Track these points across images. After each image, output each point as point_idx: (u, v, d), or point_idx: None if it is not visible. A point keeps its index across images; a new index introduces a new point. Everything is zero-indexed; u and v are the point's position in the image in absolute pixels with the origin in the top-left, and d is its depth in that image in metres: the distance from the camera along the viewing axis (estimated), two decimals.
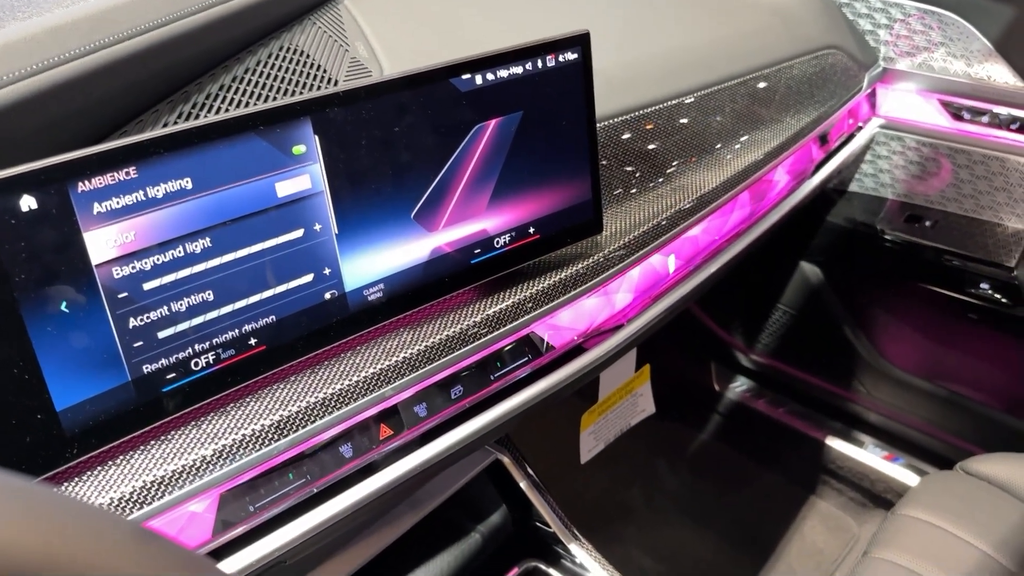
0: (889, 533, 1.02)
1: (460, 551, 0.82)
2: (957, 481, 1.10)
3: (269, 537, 0.57)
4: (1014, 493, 1.06)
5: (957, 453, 1.13)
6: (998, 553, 0.97)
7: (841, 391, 1.39)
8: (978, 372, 1.25)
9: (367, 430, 0.61)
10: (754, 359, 1.50)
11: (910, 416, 1.32)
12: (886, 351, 1.32)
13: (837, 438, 1.41)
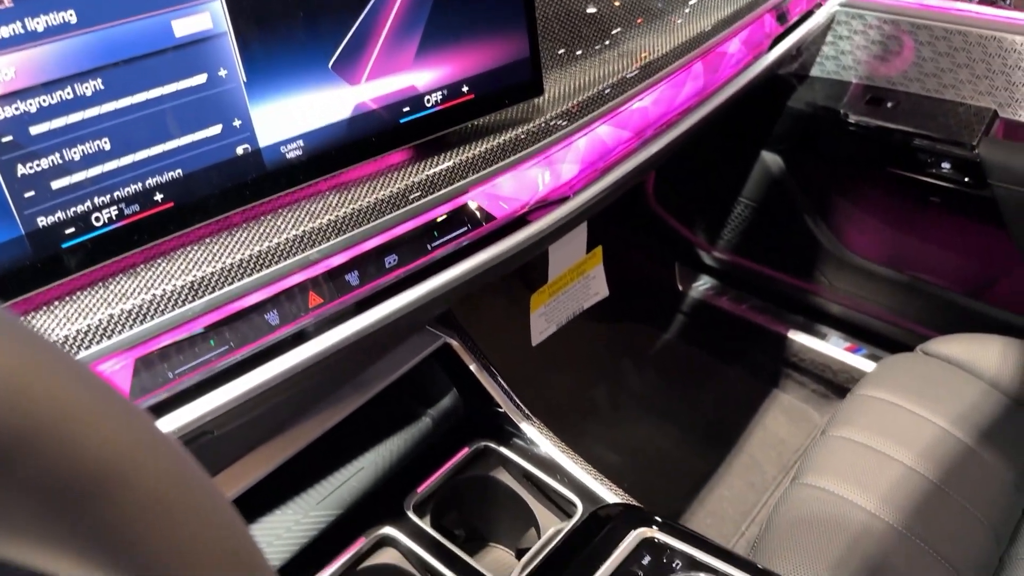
0: (847, 412, 1.01)
1: (410, 434, 0.80)
2: (916, 362, 1.09)
3: (193, 404, 0.54)
4: (972, 371, 1.06)
5: (918, 340, 1.13)
6: (955, 428, 0.98)
7: (803, 283, 1.38)
8: (939, 256, 1.24)
9: (294, 298, 0.59)
10: (717, 256, 1.48)
11: (872, 305, 1.32)
12: (847, 240, 1.31)
13: (799, 331, 1.41)
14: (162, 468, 0.21)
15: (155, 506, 0.21)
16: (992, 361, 1.06)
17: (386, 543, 0.72)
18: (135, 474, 0.21)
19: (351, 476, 0.76)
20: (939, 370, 1.07)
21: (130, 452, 0.21)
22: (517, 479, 0.79)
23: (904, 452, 0.94)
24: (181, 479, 0.22)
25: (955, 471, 0.93)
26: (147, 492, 0.21)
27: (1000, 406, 1.02)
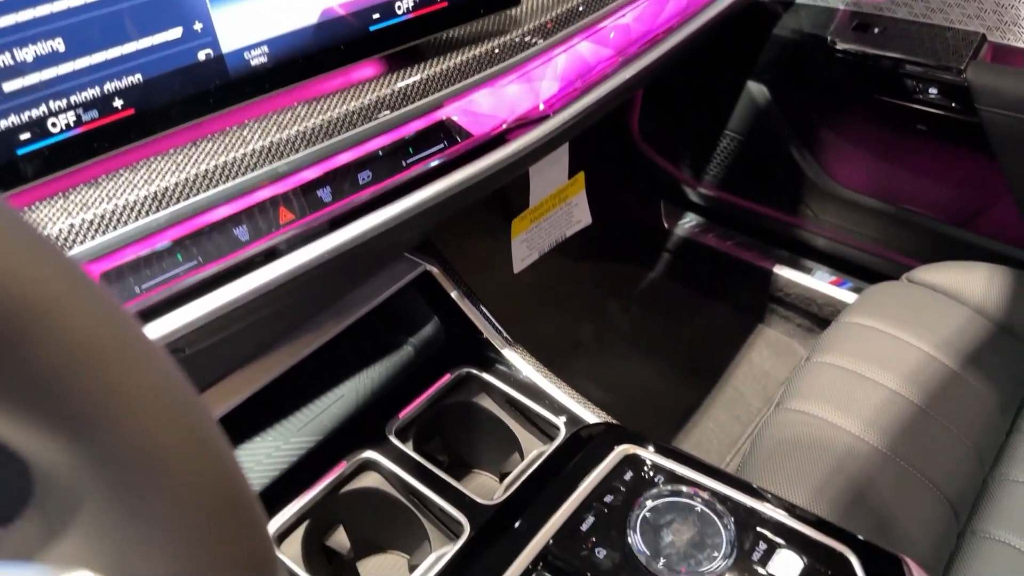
0: (832, 339, 1.01)
1: (391, 362, 0.79)
2: (901, 289, 1.09)
3: (162, 320, 0.53)
4: (958, 298, 1.06)
5: (904, 272, 1.12)
6: (940, 353, 0.97)
7: (789, 217, 1.37)
8: (926, 186, 1.23)
9: (264, 213, 0.57)
10: (702, 192, 1.46)
11: (857, 237, 1.31)
12: (834, 171, 1.29)
13: (785, 266, 1.40)
14: (91, 309, 0.20)
15: (85, 349, 0.20)
16: (978, 288, 1.06)
17: (368, 467, 0.71)
18: (61, 314, 0.19)
19: (332, 403, 0.75)
20: (924, 297, 1.07)
21: (55, 291, 0.19)
22: (500, 405, 0.79)
23: (889, 376, 0.94)
24: (111, 322, 0.21)
25: (940, 395, 0.93)
26: (75, 333, 0.19)
27: (985, 332, 1.01)
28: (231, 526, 0.23)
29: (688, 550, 0.56)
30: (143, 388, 0.21)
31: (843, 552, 0.57)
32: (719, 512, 0.58)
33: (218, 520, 0.23)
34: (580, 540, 0.58)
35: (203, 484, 0.23)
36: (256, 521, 0.24)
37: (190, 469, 0.22)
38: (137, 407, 0.21)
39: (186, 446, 0.22)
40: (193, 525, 0.22)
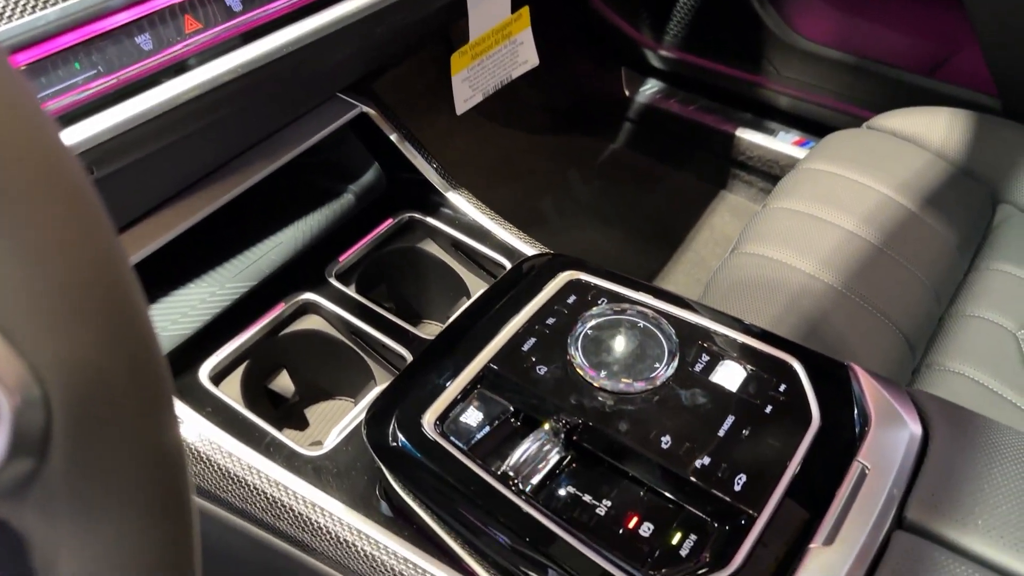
0: (789, 184, 0.99)
1: (331, 209, 0.76)
2: (862, 135, 1.06)
3: (63, 133, 0.49)
4: (918, 143, 1.04)
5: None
6: (899, 195, 0.96)
7: (751, 76, 1.33)
8: (891, 35, 1.19)
9: (167, 21, 0.53)
10: (664, 55, 1.42)
11: (820, 92, 1.28)
12: (796, 23, 1.25)
13: (748, 128, 1.37)
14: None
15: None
16: (940, 132, 1.04)
17: (308, 310, 0.69)
18: None
19: (270, 250, 0.72)
20: (884, 142, 1.04)
21: None
22: (445, 248, 0.76)
23: (846, 218, 0.92)
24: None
25: (898, 235, 0.92)
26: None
27: (946, 174, 1.00)
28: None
29: (629, 362, 0.55)
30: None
31: (787, 360, 0.56)
32: (661, 327, 0.57)
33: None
34: (521, 359, 0.56)
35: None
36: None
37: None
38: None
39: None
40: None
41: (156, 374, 0.22)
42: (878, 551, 0.44)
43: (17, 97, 0.20)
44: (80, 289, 0.20)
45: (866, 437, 0.50)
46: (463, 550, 0.51)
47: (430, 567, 0.52)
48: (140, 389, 0.22)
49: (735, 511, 0.47)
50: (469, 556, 0.51)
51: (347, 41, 0.62)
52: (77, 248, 0.20)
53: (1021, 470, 0.47)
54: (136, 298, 0.22)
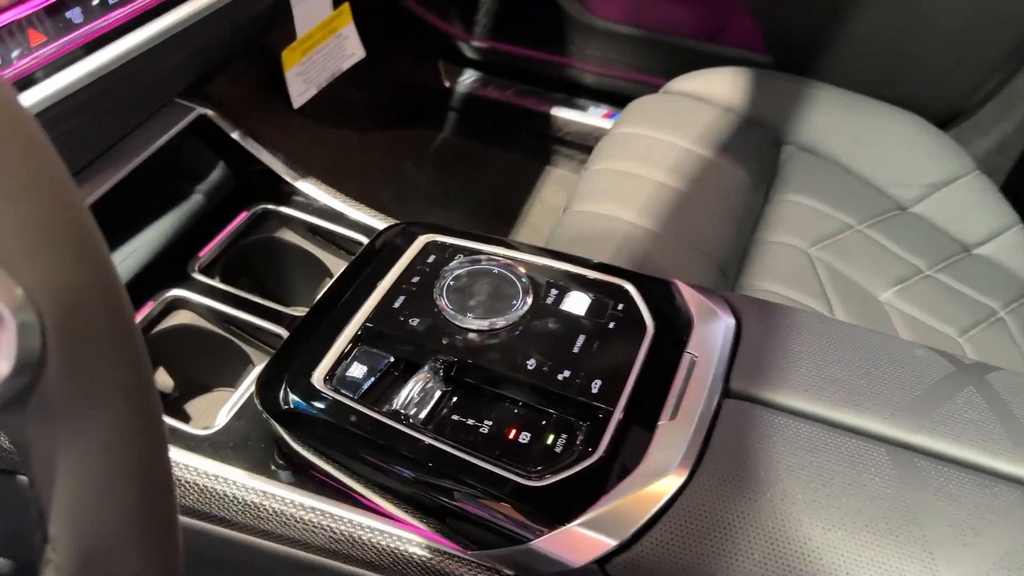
0: (603, 149, 1.10)
1: (182, 212, 0.78)
2: (660, 99, 1.19)
3: None
4: (708, 101, 1.17)
5: None
6: (698, 146, 1.09)
7: (558, 58, 1.44)
8: (673, 8, 1.33)
9: (15, 34, 0.54)
10: (476, 46, 1.50)
11: (620, 67, 1.41)
12: (589, 4, 1.37)
13: (561, 107, 1.48)
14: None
15: None
16: (724, 89, 1.18)
17: (177, 306, 0.71)
18: None
19: (126, 256, 0.73)
20: (680, 103, 1.17)
21: None
22: (302, 234, 0.80)
23: (655, 171, 1.04)
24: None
25: (701, 180, 1.05)
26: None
27: (735, 124, 1.14)
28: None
29: (491, 303, 0.62)
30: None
31: (621, 284, 0.65)
32: (514, 271, 0.64)
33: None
34: (395, 315, 0.62)
35: None
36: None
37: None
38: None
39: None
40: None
41: (119, 290, 0.27)
42: (712, 417, 0.54)
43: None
44: (57, 221, 0.25)
45: (691, 333, 0.60)
46: (368, 490, 0.57)
47: (338, 511, 0.57)
48: (110, 304, 0.26)
49: (595, 409, 0.55)
50: (374, 494, 0.57)
51: (180, 47, 0.66)
52: (48, 187, 0.25)
53: (815, 339, 0.59)
54: (94, 227, 0.26)
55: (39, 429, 0.26)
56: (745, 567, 0.47)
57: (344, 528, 0.57)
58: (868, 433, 0.52)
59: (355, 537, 0.57)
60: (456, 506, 0.53)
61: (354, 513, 0.57)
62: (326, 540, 0.58)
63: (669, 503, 0.50)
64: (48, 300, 0.24)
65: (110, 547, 0.27)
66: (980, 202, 1.12)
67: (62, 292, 0.25)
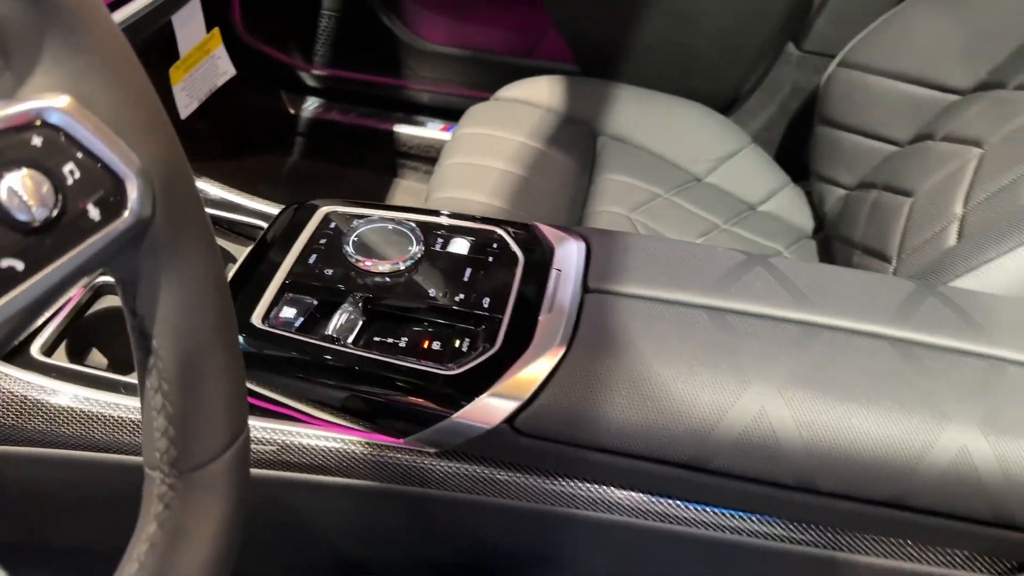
0: (451, 148, 1.26)
1: None
2: (492, 105, 1.38)
3: None
4: (533, 104, 1.37)
5: None
6: (528, 139, 1.27)
7: (395, 81, 1.60)
8: (493, 29, 1.53)
9: None
10: (317, 74, 1.63)
11: (452, 84, 1.58)
12: (420, 30, 1.54)
13: (403, 124, 1.63)
14: None
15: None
16: (544, 94, 1.38)
17: (105, 291, 0.80)
18: None
19: None
20: (510, 107, 1.36)
21: None
22: None
23: (497, 161, 1.21)
24: None
25: (536, 167, 1.23)
26: None
27: (557, 122, 1.34)
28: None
29: (391, 251, 0.76)
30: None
31: (494, 229, 0.80)
32: (406, 225, 0.79)
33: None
34: (312, 269, 0.74)
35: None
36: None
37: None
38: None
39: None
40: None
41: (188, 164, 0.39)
42: (579, 308, 0.70)
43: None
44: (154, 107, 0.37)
45: (554, 255, 0.76)
46: (312, 408, 0.68)
47: (286, 426, 0.69)
48: (187, 173, 0.39)
49: (489, 318, 0.70)
50: (318, 410, 0.68)
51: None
52: (144, 80, 0.37)
53: (645, 246, 0.77)
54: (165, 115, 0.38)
55: (149, 264, 0.37)
56: (615, 401, 0.63)
57: (293, 440, 0.68)
58: (690, 304, 0.70)
59: (303, 445, 0.68)
60: (389, 402, 0.66)
61: (301, 427, 0.69)
62: (276, 451, 0.69)
63: (555, 369, 0.65)
64: (156, 167, 0.36)
65: (203, 348, 0.39)
66: (758, 169, 1.37)
67: (164, 162, 0.37)
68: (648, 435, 0.63)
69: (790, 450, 0.62)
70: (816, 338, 0.67)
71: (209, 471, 0.38)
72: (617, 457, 0.65)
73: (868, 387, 0.63)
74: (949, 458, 0.61)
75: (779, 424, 0.62)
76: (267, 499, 0.72)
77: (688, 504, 0.67)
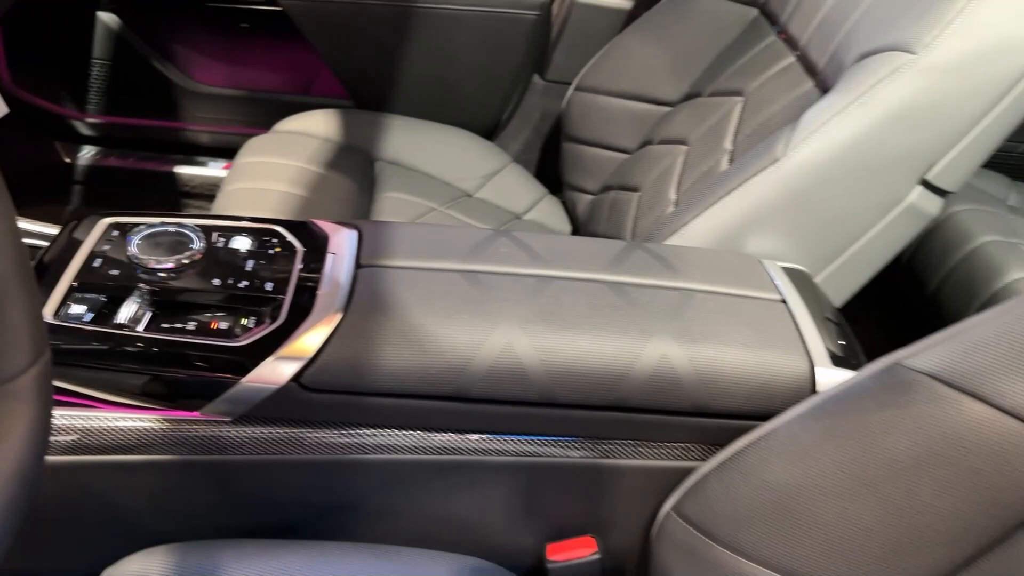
0: (232, 176, 1.34)
1: None
2: (272, 137, 1.46)
3: None
4: (310, 135, 1.47)
5: None
6: (309, 164, 1.37)
7: (173, 123, 1.64)
8: (268, 71, 1.62)
9: None
10: (91, 122, 1.64)
11: (232, 123, 1.65)
12: (195, 74, 1.60)
13: (184, 165, 1.68)
14: None
15: None
16: (321, 126, 1.48)
17: None
18: None
19: None
20: (289, 138, 1.46)
21: None
22: None
23: (279, 184, 1.30)
24: None
25: (318, 188, 1.33)
26: None
27: (335, 150, 1.44)
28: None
29: (173, 249, 0.82)
30: None
31: (272, 227, 0.89)
32: (187, 226, 0.85)
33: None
34: (97, 271, 0.79)
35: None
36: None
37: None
38: None
39: None
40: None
41: None
42: (353, 281, 0.80)
43: None
44: None
45: (329, 243, 0.86)
46: (110, 395, 0.74)
47: (84, 413, 0.73)
48: None
49: (272, 299, 0.79)
50: (118, 397, 0.74)
51: None
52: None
53: (407, 230, 0.88)
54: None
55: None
56: (387, 350, 0.74)
57: (92, 424, 0.73)
58: (447, 269, 0.83)
59: (102, 427, 0.74)
60: (181, 378, 0.73)
61: (100, 412, 0.74)
62: (77, 438, 0.73)
63: (334, 331, 0.75)
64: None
65: (5, 279, 0.45)
66: (520, 184, 1.55)
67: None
68: (417, 374, 0.74)
69: (533, 372, 0.75)
70: (549, 285, 0.82)
71: (19, 383, 0.45)
72: (394, 399, 0.76)
73: (589, 317, 0.78)
74: (653, 364, 0.76)
75: (523, 352, 0.75)
76: (73, 486, 0.76)
77: (459, 434, 0.79)
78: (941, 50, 0.87)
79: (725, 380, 0.77)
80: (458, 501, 0.83)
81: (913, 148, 0.92)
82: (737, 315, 0.82)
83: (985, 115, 0.91)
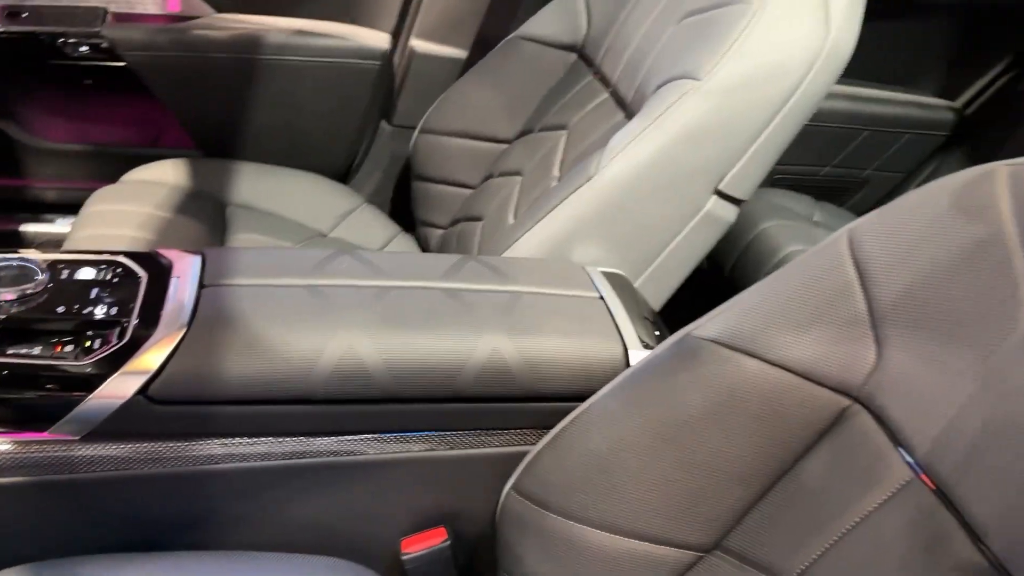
0: (81, 223, 1.34)
1: None
2: (120, 187, 1.47)
3: None
4: (159, 183, 1.49)
5: None
6: (157, 210, 1.39)
7: (16, 182, 1.62)
8: (116, 124, 1.63)
9: None
10: None
11: (78, 179, 1.64)
12: (41, 131, 1.59)
13: (30, 223, 1.65)
14: None
15: None
16: (170, 175, 1.51)
17: None
18: None
19: None
20: (137, 187, 1.47)
21: None
22: None
23: (125, 229, 1.32)
24: None
25: (167, 232, 1.35)
26: None
27: (185, 196, 1.47)
28: None
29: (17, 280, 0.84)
30: None
31: (114, 258, 0.92)
32: (32, 262, 0.87)
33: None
34: None
35: None
36: None
37: None
38: None
39: None
40: None
41: None
42: (196, 299, 0.84)
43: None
44: None
45: (173, 269, 0.90)
46: None
47: None
48: None
49: (116, 322, 0.82)
50: None
51: None
52: None
53: (252, 251, 0.93)
54: None
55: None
56: (232, 359, 0.78)
57: None
58: (290, 285, 0.88)
59: None
60: (26, 399, 0.75)
61: None
62: None
63: (179, 344, 0.79)
64: None
65: None
66: (373, 223, 1.61)
67: None
68: (263, 380, 0.79)
69: (375, 371, 0.81)
70: (387, 294, 0.88)
71: None
72: (242, 407, 0.80)
73: (426, 318, 0.85)
74: (486, 356, 0.84)
75: (365, 353, 0.81)
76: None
77: (308, 438, 0.84)
78: (720, 76, 1.01)
79: (550, 366, 0.86)
80: (313, 503, 0.87)
81: (704, 162, 1.05)
82: (560, 311, 0.91)
83: (763, 130, 1.05)
